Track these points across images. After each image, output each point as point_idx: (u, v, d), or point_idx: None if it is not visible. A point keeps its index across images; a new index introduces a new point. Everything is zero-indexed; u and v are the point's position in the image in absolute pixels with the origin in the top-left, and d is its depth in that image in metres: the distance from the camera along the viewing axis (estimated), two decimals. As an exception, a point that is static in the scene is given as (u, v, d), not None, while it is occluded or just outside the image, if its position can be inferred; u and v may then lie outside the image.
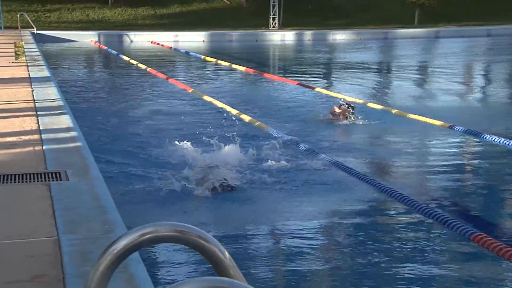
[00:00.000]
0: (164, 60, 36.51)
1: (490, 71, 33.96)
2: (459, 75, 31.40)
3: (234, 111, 18.77)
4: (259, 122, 17.13)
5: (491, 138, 15.10)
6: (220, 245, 2.47)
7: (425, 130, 16.18)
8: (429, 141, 15.39)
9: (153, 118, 18.45)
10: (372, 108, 19.88)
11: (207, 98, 21.39)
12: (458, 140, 15.56)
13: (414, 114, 17.99)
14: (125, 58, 35.07)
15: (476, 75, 32.57)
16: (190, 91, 23.26)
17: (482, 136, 15.39)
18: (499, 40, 49.53)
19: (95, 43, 45.73)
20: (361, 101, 20.86)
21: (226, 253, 2.42)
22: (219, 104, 20.15)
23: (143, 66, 30.95)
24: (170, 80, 26.18)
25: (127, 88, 25.45)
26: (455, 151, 14.74)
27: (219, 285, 1.81)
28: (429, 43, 50.36)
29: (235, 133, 15.31)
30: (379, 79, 30.67)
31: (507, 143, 14.64)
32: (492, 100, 24.19)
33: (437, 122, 16.89)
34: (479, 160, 14.19)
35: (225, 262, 2.37)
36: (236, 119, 17.52)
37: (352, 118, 17.11)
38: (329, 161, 13.20)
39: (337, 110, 17.32)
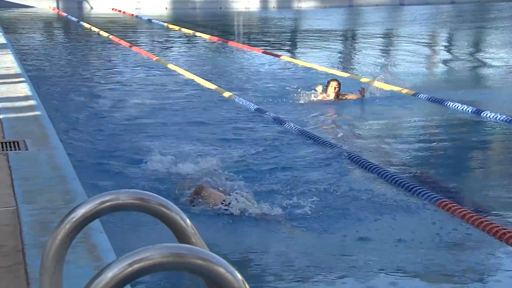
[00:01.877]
0: (126, 27, 36.28)
1: (454, 39, 34.07)
2: (423, 43, 31.40)
3: (199, 79, 18.74)
4: (222, 88, 17.11)
5: (455, 106, 15.23)
6: (182, 212, 2.46)
7: (390, 98, 16.14)
8: (394, 108, 15.31)
9: (116, 87, 18.27)
10: (338, 75, 19.89)
11: (171, 66, 21.30)
12: (422, 107, 15.54)
13: (380, 82, 18.03)
14: (86, 25, 34.78)
15: (440, 43, 32.65)
16: (154, 59, 23.12)
17: (446, 103, 15.52)
18: (463, 7, 49.69)
19: (53, 9, 45.26)
20: (327, 70, 20.88)
21: (188, 220, 2.42)
22: (184, 72, 20.07)
23: (105, 34, 30.69)
24: (134, 48, 25.97)
25: (89, 56, 25.28)
26: (419, 119, 14.72)
27: (180, 252, 1.81)
28: (393, 10, 50.35)
29: (201, 101, 15.36)
30: (345, 48, 30.72)
31: (469, 110, 14.72)
32: (456, 68, 24.22)
33: (402, 90, 16.94)
34: (442, 128, 14.25)
35: (187, 230, 2.37)
36: (202, 89, 17.55)
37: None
38: (297, 129, 13.26)
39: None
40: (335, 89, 15.77)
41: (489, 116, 14.16)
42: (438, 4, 52.09)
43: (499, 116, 13.99)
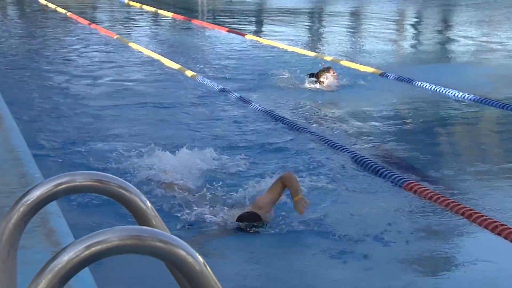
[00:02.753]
0: (85, 4, 36.04)
1: (422, 18, 34.17)
2: (392, 22, 31.55)
3: (162, 59, 18.73)
4: (185, 68, 17.08)
5: (422, 85, 15.39)
6: (142, 194, 2.44)
7: (356, 77, 16.13)
8: (360, 87, 15.35)
9: (74, 67, 18.18)
10: (304, 54, 19.96)
11: (132, 44, 21.25)
12: (389, 86, 15.60)
13: (347, 60, 18.10)
14: (42, 1, 34.52)
15: (407, 21, 32.77)
16: (115, 37, 23.04)
17: (413, 82, 15.67)
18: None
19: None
20: (294, 49, 20.94)
21: (148, 202, 2.40)
22: (145, 51, 20.05)
23: (62, 11, 30.49)
24: (93, 26, 25.86)
25: (45, 34, 25.05)
26: (386, 98, 14.78)
27: (139, 234, 1.79)
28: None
29: (162, 79, 15.39)
30: (310, 26, 30.74)
31: (437, 90, 14.82)
32: (423, 47, 24.36)
33: (370, 69, 17.01)
34: (409, 107, 14.24)
35: (147, 212, 2.35)
36: (164, 68, 17.56)
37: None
38: (260, 109, 13.39)
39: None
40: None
41: (456, 95, 14.27)
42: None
43: (466, 95, 14.11)
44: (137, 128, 12.07)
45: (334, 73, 15.37)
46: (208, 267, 1.87)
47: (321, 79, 15.29)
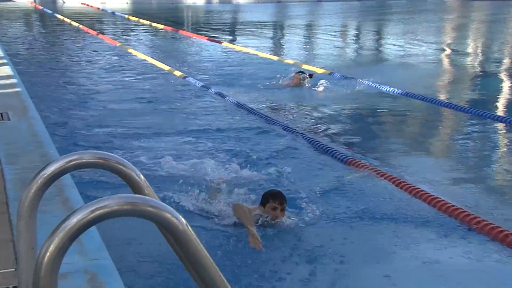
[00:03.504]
0: (93, 18, 35.82)
1: (363, 29, 34.24)
2: (338, 32, 31.62)
3: (154, 62, 18.75)
4: (174, 69, 17.05)
5: (362, 81, 15.45)
6: (136, 169, 2.44)
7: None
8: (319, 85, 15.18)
9: (85, 68, 18.14)
10: (269, 58, 20.04)
11: (131, 50, 21.23)
12: (337, 83, 15.51)
13: (302, 63, 18.13)
14: (59, 16, 34.39)
15: (351, 32, 32.83)
16: (118, 44, 22.96)
17: (355, 80, 15.71)
18: (368, 4, 50.14)
19: (31, 3, 44.55)
20: (261, 54, 20.98)
21: (142, 176, 2.40)
22: (141, 55, 20.05)
23: (75, 24, 30.37)
24: (100, 36, 25.77)
25: (62, 42, 24.96)
26: (334, 93, 14.62)
27: (134, 201, 1.79)
28: (314, 5, 50.54)
29: (153, 78, 15.34)
30: (274, 36, 30.65)
31: (373, 85, 14.99)
32: (363, 52, 24.42)
33: (320, 70, 17.04)
34: (352, 99, 14.08)
35: (140, 184, 2.36)
36: (156, 69, 17.55)
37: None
38: (233, 102, 13.38)
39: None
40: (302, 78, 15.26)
41: (387, 90, 14.37)
42: (347, 1, 52.46)
43: (396, 90, 14.22)
44: (134, 115, 12.05)
45: (303, 75, 15.19)
46: (189, 227, 1.86)
47: (295, 79, 15.17)
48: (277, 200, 6.69)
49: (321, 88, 14.71)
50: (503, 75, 18.42)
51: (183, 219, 1.83)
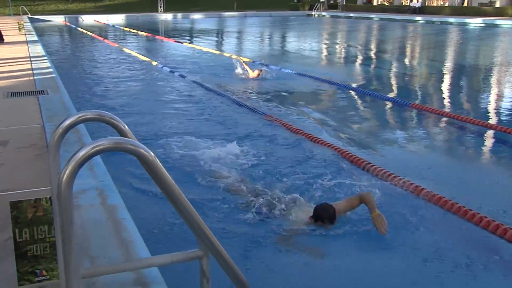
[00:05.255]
0: (101, 30, 34.70)
1: (274, 33, 34.04)
2: (261, 36, 31.41)
3: (139, 56, 18.39)
4: (152, 60, 16.78)
5: (286, 71, 14.69)
6: (122, 122, 2.39)
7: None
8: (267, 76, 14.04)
9: (97, 61, 17.78)
10: (217, 54, 19.83)
11: (125, 49, 20.78)
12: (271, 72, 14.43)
13: (238, 55, 18.00)
14: (80, 29, 33.58)
15: (270, 36, 32.57)
16: (116, 46, 22.40)
17: (280, 68, 15.18)
18: (276, 18, 49.84)
19: (63, 22, 43.29)
20: (212, 50, 20.75)
21: (126, 126, 2.37)
22: (133, 53, 19.64)
23: (89, 33, 29.66)
24: (106, 41, 25.14)
25: (82, 45, 24.26)
26: (271, 81, 13.38)
27: (120, 141, 1.79)
28: (241, 19, 49.97)
29: (140, 68, 14.97)
30: (220, 38, 30.24)
31: (282, 69, 14.62)
32: (275, 48, 24.35)
33: (247, 59, 16.90)
34: (280, 83, 12.96)
35: (125, 131, 2.33)
36: (142, 61, 17.20)
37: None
38: (193, 80, 13.16)
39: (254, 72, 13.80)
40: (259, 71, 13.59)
41: (311, 77, 14.22)
42: (262, 16, 52.05)
43: (295, 72, 14.07)
44: (128, 92, 11.89)
45: (260, 70, 13.64)
46: (157, 159, 1.86)
47: (254, 72, 13.56)
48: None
49: (256, 74, 13.54)
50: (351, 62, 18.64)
51: (152, 153, 1.82)
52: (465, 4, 50.25)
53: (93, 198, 3.80)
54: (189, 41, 26.08)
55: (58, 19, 44.97)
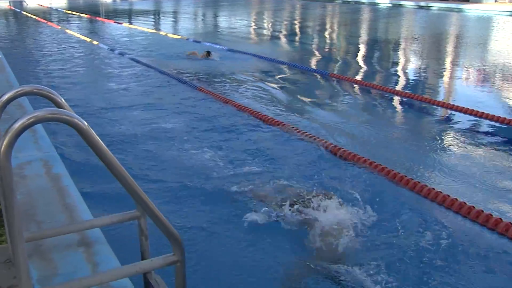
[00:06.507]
0: (45, 13, 32.76)
1: (209, 13, 33.43)
2: (193, 14, 30.79)
3: (81, 36, 17.66)
4: (93, 40, 16.16)
5: (243, 52, 13.79)
6: (59, 96, 2.32)
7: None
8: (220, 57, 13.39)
9: (40, 42, 16.88)
10: (150, 32, 19.32)
11: (68, 31, 19.83)
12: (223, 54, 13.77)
13: (173, 34, 17.61)
14: (24, 13, 31.77)
15: (200, 15, 31.98)
16: (59, 28, 21.31)
17: (235, 51, 14.19)
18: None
19: (8, 6, 40.76)
20: (149, 30, 20.18)
21: (62, 99, 2.29)
22: (73, 33, 18.80)
23: (33, 16, 28.04)
24: (49, 23, 23.85)
25: (27, 28, 22.87)
26: (224, 62, 12.63)
27: (56, 112, 1.73)
28: (179, 1, 48.65)
29: (82, 47, 14.46)
30: (154, 19, 29.37)
31: (251, 56, 13.38)
32: (212, 27, 23.99)
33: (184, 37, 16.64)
34: (234, 63, 12.29)
35: (61, 103, 2.25)
36: (83, 41, 16.57)
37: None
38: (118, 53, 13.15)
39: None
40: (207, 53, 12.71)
41: (268, 59, 14.00)
42: None
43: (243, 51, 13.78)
44: (69, 68, 11.44)
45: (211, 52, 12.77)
46: (91, 128, 1.81)
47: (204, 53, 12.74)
48: None
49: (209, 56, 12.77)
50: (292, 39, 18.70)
51: (85, 122, 1.77)
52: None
53: (38, 169, 3.68)
54: (128, 22, 25.24)
55: (3, 4, 42.34)
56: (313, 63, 13.21)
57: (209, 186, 4.86)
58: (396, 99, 9.09)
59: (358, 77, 10.99)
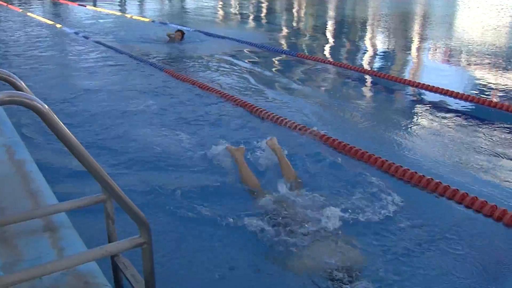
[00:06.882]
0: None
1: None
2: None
3: (44, 19, 17.15)
4: (56, 23, 15.74)
5: (221, 36, 13.33)
6: (19, 79, 2.27)
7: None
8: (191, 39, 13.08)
9: (1, 26, 16.42)
10: (114, 14, 18.92)
11: (29, 14, 19.20)
12: (202, 38, 13.44)
13: (139, 16, 17.29)
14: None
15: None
16: (20, 10, 20.58)
17: (214, 35, 13.56)
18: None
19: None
20: (116, 13, 19.73)
21: (22, 82, 2.24)
22: (35, 16, 18.23)
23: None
24: (9, 6, 22.94)
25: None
26: (202, 43, 12.50)
27: (15, 94, 1.70)
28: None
29: (41, 29, 14.14)
30: (124, 1, 28.77)
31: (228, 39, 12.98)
32: (189, 11, 23.61)
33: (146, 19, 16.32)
34: (213, 47, 11.96)
35: (22, 86, 2.20)
36: (44, 24, 16.13)
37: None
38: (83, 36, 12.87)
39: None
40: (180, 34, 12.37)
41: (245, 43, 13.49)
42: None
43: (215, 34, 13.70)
44: (32, 56, 10.90)
45: (182, 33, 12.40)
46: (52, 111, 1.78)
47: (173, 35, 12.35)
48: None
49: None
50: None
51: (46, 105, 1.74)
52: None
53: (1, 154, 3.60)
54: (93, 4, 24.63)
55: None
56: (281, 44, 13.17)
57: (176, 163, 4.90)
58: (360, 76, 9.25)
59: (324, 56, 11.14)
